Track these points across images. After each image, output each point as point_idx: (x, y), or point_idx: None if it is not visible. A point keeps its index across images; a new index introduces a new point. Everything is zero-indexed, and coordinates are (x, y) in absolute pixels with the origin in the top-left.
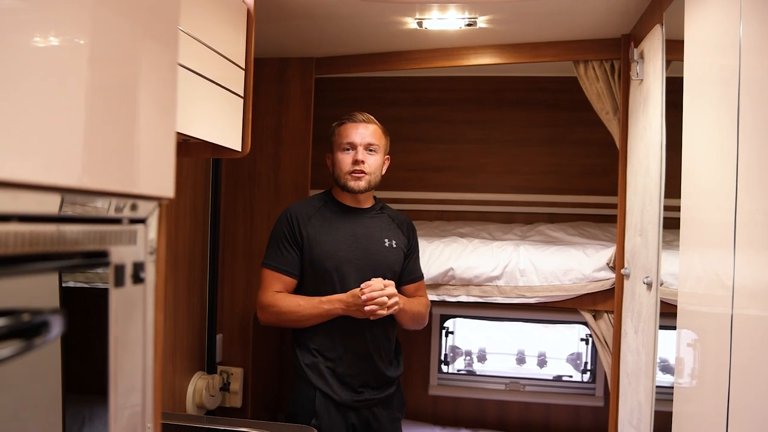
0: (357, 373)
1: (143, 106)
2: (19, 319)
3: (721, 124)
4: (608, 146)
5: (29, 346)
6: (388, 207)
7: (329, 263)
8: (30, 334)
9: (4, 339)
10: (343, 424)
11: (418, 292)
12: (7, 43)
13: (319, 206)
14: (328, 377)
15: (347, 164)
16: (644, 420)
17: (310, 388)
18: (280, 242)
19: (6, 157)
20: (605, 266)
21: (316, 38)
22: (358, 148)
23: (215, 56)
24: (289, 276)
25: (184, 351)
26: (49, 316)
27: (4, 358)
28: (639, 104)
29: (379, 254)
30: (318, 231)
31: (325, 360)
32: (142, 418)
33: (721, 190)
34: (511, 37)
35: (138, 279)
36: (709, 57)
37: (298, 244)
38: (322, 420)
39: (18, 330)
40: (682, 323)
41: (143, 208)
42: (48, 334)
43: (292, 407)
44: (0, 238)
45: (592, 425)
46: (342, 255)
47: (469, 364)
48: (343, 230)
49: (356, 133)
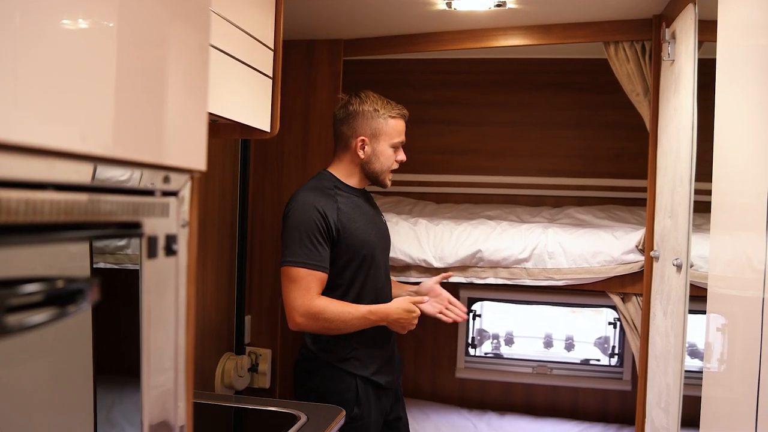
0: (390, 356)
1: (173, 83)
2: (53, 286)
3: (754, 107)
4: (637, 129)
5: (63, 313)
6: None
7: (366, 250)
8: (64, 302)
9: (39, 305)
10: (380, 409)
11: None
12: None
13: (333, 193)
14: (369, 365)
15: (392, 161)
16: (673, 402)
17: (349, 376)
18: (315, 236)
19: (42, 125)
20: (634, 249)
21: (344, 20)
22: (400, 147)
23: (245, 36)
24: (326, 272)
25: (213, 332)
26: (84, 284)
27: (39, 323)
28: (670, 85)
29: (387, 232)
30: (349, 219)
31: (360, 347)
32: (174, 397)
33: (753, 173)
34: (541, 18)
35: (170, 251)
36: (744, 38)
37: (332, 239)
38: (364, 407)
39: (53, 296)
40: (712, 307)
41: (176, 181)
42: (83, 302)
43: (329, 398)
44: (36, 205)
45: (620, 409)
46: (372, 240)
47: (496, 348)
48: (364, 214)
49: (404, 130)
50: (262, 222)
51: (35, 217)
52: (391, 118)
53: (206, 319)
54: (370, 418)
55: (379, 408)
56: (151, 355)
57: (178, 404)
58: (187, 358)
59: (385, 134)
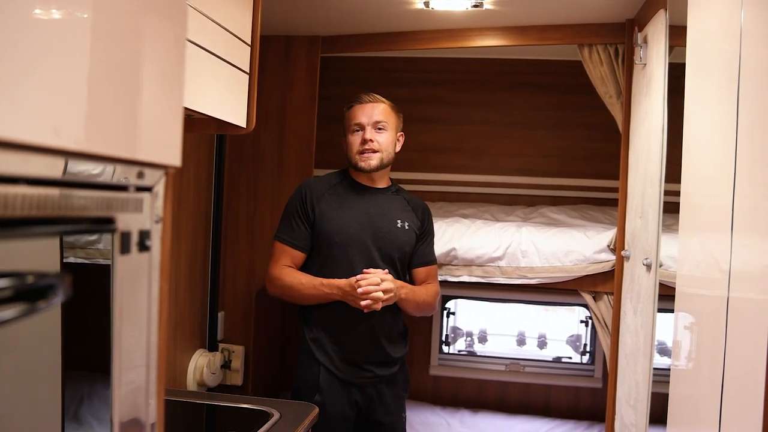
0: (361, 351)
1: (148, 78)
2: (23, 281)
3: (721, 111)
4: (610, 131)
5: (33, 309)
6: (404, 190)
7: (338, 239)
8: (34, 297)
9: (8, 301)
10: (346, 401)
11: (429, 278)
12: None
13: (335, 183)
14: (332, 353)
15: (357, 144)
16: (641, 399)
17: (314, 363)
18: (293, 216)
19: (15, 119)
20: (606, 248)
21: (322, 16)
22: (366, 127)
23: (221, 31)
24: (299, 250)
25: (185, 328)
26: (55, 279)
27: (8, 319)
28: (642, 88)
29: (390, 234)
30: (330, 207)
31: (329, 336)
32: (146, 394)
33: (720, 175)
34: (518, 19)
35: (144, 247)
36: (711, 43)
37: (309, 219)
38: (326, 396)
39: (22, 292)
40: (679, 305)
41: (150, 177)
42: (53, 297)
43: (297, 382)
44: (9, 200)
45: (591, 406)
46: (352, 232)
47: (470, 345)
48: (356, 208)
49: (363, 113)
50: (236, 217)
51: (7, 212)
52: (347, 111)
53: (179, 315)
54: (333, 408)
55: (347, 401)
56: (122, 351)
57: (150, 401)
58: (160, 354)
59: (346, 126)
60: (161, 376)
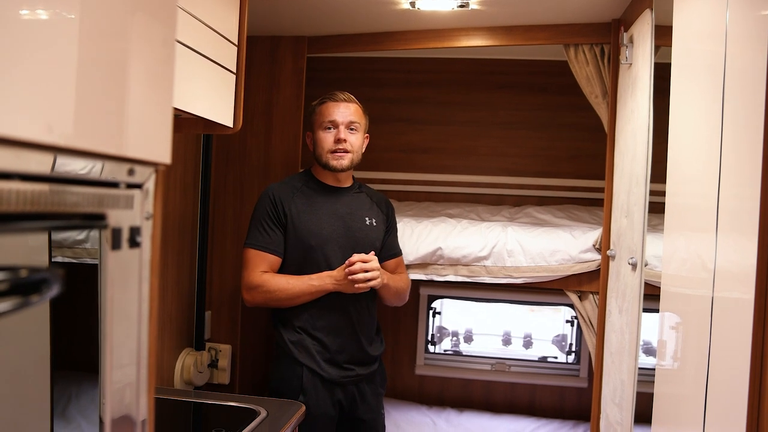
0: (343, 350)
1: (137, 76)
2: (17, 275)
3: (706, 111)
4: (596, 131)
5: (26, 303)
6: (366, 186)
7: (314, 241)
8: (28, 291)
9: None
10: (329, 401)
11: (398, 268)
12: None
13: (300, 185)
14: (315, 354)
15: (329, 143)
16: (626, 398)
17: (296, 365)
18: (263, 221)
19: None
20: (591, 248)
21: (308, 17)
22: (340, 126)
23: (208, 31)
24: (275, 255)
25: (173, 327)
26: (48, 273)
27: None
28: (627, 88)
29: (361, 232)
30: (301, 210)
31: (310, 337)
32: (136, 391)
33: (705, 175)
34: (503, 19)
35: (134, 243)
36: (697, 44)
37: (281, 223)
38: (310, 397)
39: (16, 285)
40: (664, 305)
41: (140, 174)
42: (47, 291)
43: (277, 385)
44: (2, 195)
45: (576, 405)
46: (326, 233)
47: (455, 345)
48: (325, 209)
49: (338, 111)
50: (223, 217)
51: (1, 207)
52: (318, 106)
53: (166, 314)
54: (317, 409)
55: (331, 400)
56: (113, 348)
57: (140, 398)
58: (150, 351)
59: (316, 122)
60: (151, 373)
